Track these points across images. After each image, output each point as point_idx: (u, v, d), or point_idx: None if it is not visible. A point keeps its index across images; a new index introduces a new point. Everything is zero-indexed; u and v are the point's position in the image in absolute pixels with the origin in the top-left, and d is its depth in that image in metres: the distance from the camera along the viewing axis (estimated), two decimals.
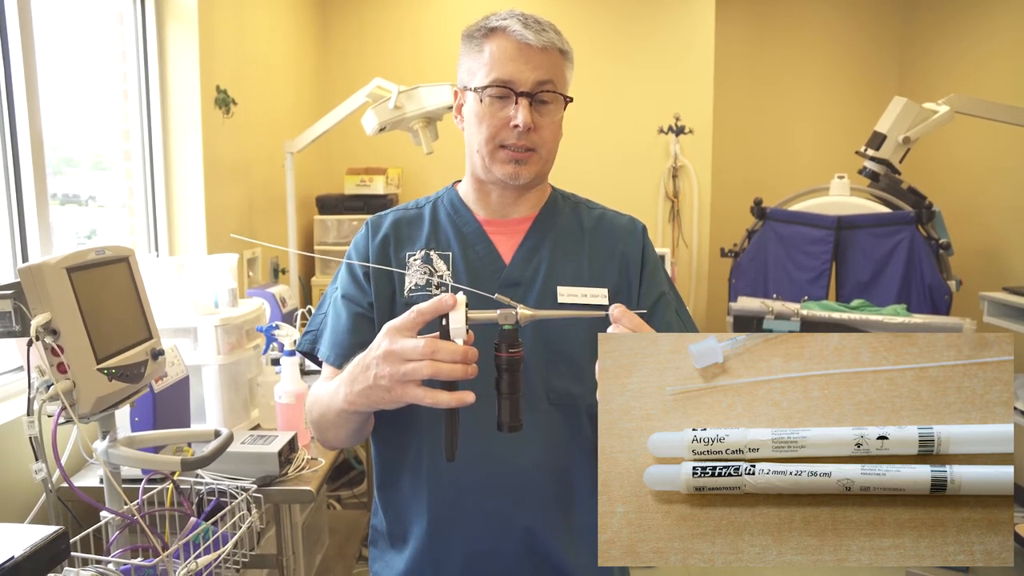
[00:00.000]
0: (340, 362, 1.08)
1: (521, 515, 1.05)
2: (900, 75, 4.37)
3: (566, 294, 1.08)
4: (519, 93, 1.03)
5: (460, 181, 1.19)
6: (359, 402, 0.87)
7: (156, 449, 1.44)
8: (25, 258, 1.76)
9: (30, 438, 1.13)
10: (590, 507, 1.09)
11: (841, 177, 3.61)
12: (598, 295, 1.09)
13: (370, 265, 1.10)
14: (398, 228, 1.14)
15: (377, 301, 1.09)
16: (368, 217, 1.19)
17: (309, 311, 2.29)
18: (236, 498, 1.39)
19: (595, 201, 1.22)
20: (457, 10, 3.85)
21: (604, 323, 1.09)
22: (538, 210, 1.15)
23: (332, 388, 0.95)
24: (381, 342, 0.83)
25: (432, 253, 1.10)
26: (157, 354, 1.30)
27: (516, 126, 1.03)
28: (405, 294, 1.08)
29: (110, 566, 1.11)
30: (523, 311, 0.82)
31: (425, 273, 1.09)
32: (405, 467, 1.09)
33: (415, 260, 1.10)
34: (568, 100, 1.08)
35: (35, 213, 1.77)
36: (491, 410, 1.05)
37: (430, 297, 1.07)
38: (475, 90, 1.05)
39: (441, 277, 1.08)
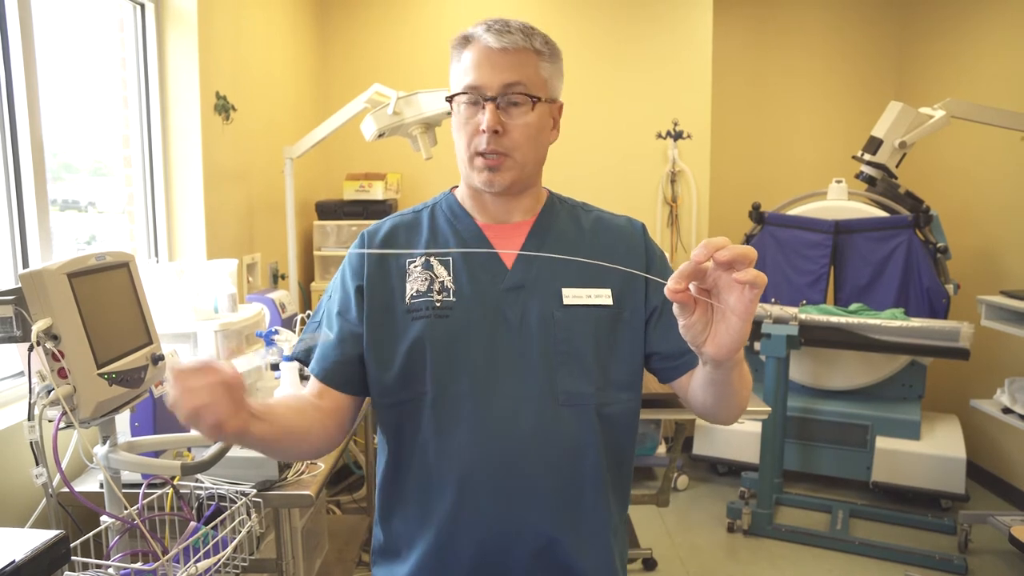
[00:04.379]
0: (323, 376, 1.09)
1: (530, 517, 1.04)
2: (897, 80, 4.39)
3: (571, 295, 1.08)
4: (486, 98, 1.03)
5: (457, 187, 1.18)
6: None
7: (156, 454, 1.44)
8: (26, 264, 1.77)
9: (31, 443, 1.13)
10: (600, 507, 1.09)
11: (839, 181, 3.62)
12: (602, 295, 1.09)
13: (368, 251, 1.10)
14: (396, 234, 1.14)
15: (371, 313, 1.08)
16: (366, 227, 1.18)
17: (308, 316, 2.29)
18: (236, 502, 1.39)
19: (591, 204, 1.22)
20: (456, 16, 3.87)
21: (609, 320, 1.09)
22: (536, 213, 1.15)
23: None
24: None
25: (432, 259, 1.09)
26: (157, 359, 1.31)
27: (483, 131, 1.03)
28: (407, 300, 1.07)
29: (110, 570, 1.11)
30: None
31: (426, 279, 1.09)
32: (411, 472, 1.09)
33: (415, 267, 1.09)
34: (535, 100, 1.04)
35: (35, 219, 1.77)
36: (500, 414, 1.05)
37: (431, 303, 1.07)
38: (449, 100, 1.08)
39: (443, 283, 1.08)
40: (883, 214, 3.47)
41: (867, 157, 3.21)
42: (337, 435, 1.09)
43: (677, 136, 3.92)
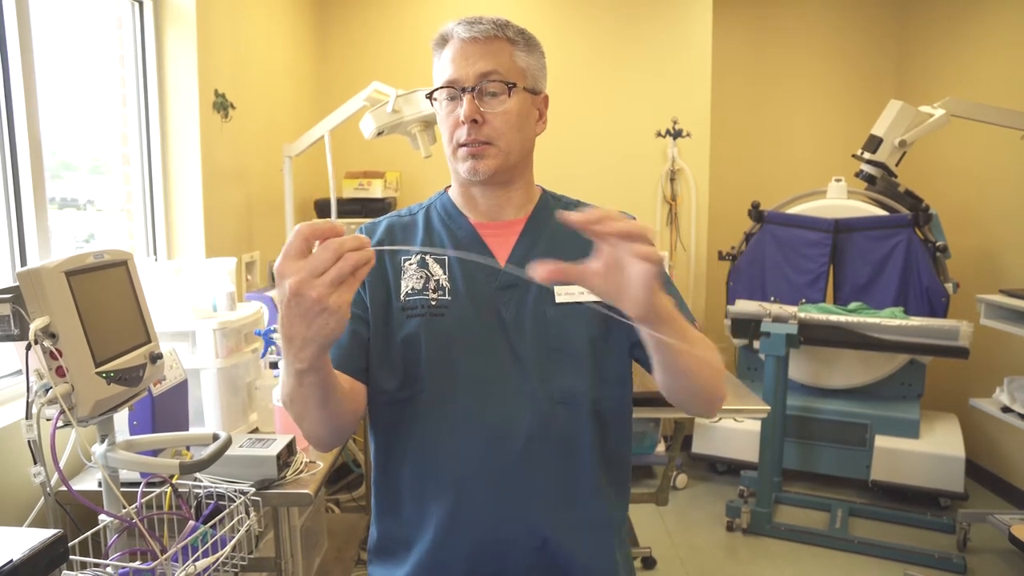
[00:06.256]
0: (339, 362, 1.06)
1: (527, 516, 1.04)
2: (897, 78, 4.39)
3: (563, 293, 1.08)
4: (462, 89, 1.05)
5: (451, 186, 1.18)
6: (305, 352, 0.80)
7: (154, 453, 1.44)
8: (24, 262, 1.76)
9: (28, 442, 1.13)
10: (597, 506, 1.09)
11: (838, 180, 3.62)
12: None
13: (376, 248, 1.09)
14: (392, 233, 1.14)
15: (372, 307, 1.09)
16: (363, 223, 1.19)
17: None
18: (235, 501, 1.39)
19: (586, 201, 1.21)
20: (454, 15, 3.81)
21: (601, 315, 1.09)
22: (530, 211, 1.15)
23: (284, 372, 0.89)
24: (281, 284, 0.75)
25: (428, 257, 1.10)
26: (155, 358, 1.30)
27: (463, 122, 1.04)
28: (401, 298, 1.08)
29: (108, 569, 1.11)
30: None
31: (421, 277, 1.09)
32: (406, 471, 1.09)
33: (411, 264, 1.09)
34: (511, 86, 1.04)
35: (34, 217, 1.77)
36: (496, 412, 1.05)
37: (427, 301, 1.07)
38: (429, 97, 1.10)
39: (438, 281, 1.08)
40: (883, 213, 3.47)
41: (867, 156, 3.21)
42: (354, 420, 1.06)
43: (677, 135, 3.92)
